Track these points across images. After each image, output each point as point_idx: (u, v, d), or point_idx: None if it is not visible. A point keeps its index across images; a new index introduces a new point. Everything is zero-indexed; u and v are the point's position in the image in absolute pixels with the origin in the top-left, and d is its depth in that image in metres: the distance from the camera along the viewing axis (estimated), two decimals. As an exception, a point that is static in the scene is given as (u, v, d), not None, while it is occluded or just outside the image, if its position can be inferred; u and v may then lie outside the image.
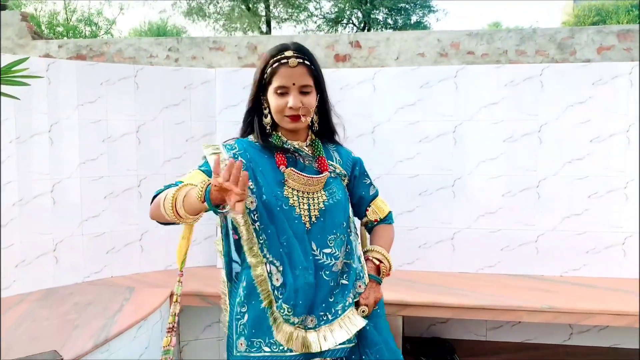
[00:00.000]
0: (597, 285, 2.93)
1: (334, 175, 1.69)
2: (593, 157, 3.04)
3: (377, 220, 1.83)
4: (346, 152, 1.80)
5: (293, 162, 1.66)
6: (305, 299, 1.55)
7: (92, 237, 3.08)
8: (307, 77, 1.58)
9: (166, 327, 1.73)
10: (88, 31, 21.75)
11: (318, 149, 1.69)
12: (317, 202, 1.62)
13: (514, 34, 3.37)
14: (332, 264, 1.60)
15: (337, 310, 1.60)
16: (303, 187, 1.61)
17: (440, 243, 3.20)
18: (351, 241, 1.69)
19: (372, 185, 1.83)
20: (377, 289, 1.71)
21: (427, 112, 3.17)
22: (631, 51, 3.25)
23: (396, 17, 16.16)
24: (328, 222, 1.62)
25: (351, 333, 1.57)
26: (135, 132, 3.17)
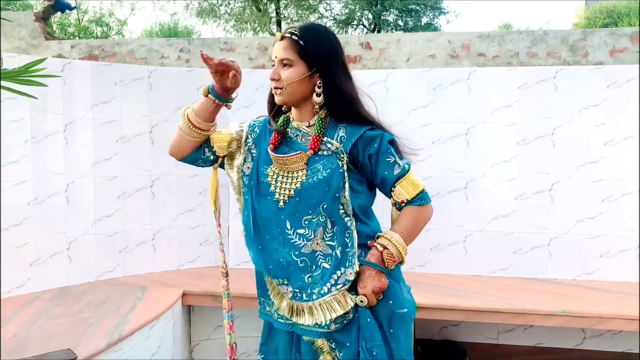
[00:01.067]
0: (610, 289, 2.91)
1: (327, 153, 1.62)
2: (607, 160, 3.02)
3: (404, 202, 1.65)
4: (358, 129, 1.64)
5: (288, 142, 1.70)
6: (275, 266, 1.66)
7: (105, 236, 3.10)
8: (288, 51, 1.60)
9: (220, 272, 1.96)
10: (99, 32, 21.89)
11: (317, 127, 1.65)
12: (295, 182, 1.63)
13: (526, 36, 3.36)
14: (301, 245, 1.62)
15: (313, 292, 1.61)
16: (282, 167, 1.65)
17: (453, 245, 3.19)
18: (345, 223, 1.61)
19: (398, 164, 1.63)
20: (377, 277, 1.59)
21: (440, 114, 3.16)
22: None
23: (406, 18, 16.13)
24: (303, 202, 1.61)
25: (321, 319, 1.59)
26: (149, 133, 3.19)
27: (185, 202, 3.32)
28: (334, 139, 1.64)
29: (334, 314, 1.58)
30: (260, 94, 3.24)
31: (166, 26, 24.02)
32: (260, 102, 3.22)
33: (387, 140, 1.63)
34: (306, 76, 1.62)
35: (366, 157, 1.63)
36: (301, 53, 1.60)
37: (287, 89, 1.62)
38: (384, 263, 1.61)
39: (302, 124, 1.69)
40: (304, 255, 1.62)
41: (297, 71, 1.61)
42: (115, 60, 3.91)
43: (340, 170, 1.61)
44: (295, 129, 1.70)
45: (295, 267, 1.63)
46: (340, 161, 1.61)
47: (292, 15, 14.89)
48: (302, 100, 1.66)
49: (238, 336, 3.24)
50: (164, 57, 3.80)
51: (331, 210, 1.60)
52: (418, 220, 1.67)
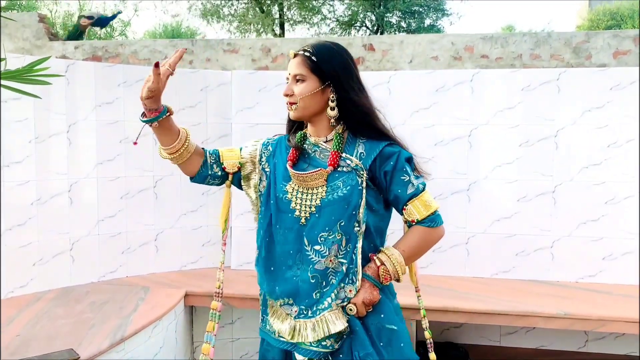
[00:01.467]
0: (613, 292, 2.91)
1: (347, 169, 1.63)
2: (610, 162, 3.01)
3: (415, 221, 1.64)
4: (377, 145, 1.65)
5: (306, 157, 1.71)
6: (283, 286, 1.66)
7: (108, 237, 3.10)
8: (301, 67, 1.63)
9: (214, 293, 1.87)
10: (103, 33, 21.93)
11: (335, 143, 1.67)
12: (315, 198, 1.64)
13: (529, 38, 3.36)
14: (316, 262, 1.63)
15: (318, 308, 1.62)
16: (301, 183, 1.65)
17: (455, 247, 3.19)
18: (357, 241, 1.62)
19: (412, 184, 1.63)
20: (370, 290, 1.61)
21: (443, 116, 3.16)
22: None
23: (409, 20, 16.11)
24: (322, 219, 1.62)
25: (321, 335, 1.59)
26: (152, 134, 3.18)
27: (188, 203, 3.32)
28: (353, 155, 1.65)
29: (333, 328, 1.59)
30: (263, 95, 3.26)
31: (169, 27, 24.05)
32: (263, 103, 3.25)
33: (404, 158, 1.64)
34: (319, 90, 1.63)
35: (382, 174, 1.64)
36: (313, 68, 1.62)
37: (300, 104, 1.64)
38: (379, 278, 1.63)
39: (319, 139, 1.70)
40: (317, 271, 1.63)
41: (309, 85, 1.63)
42: (118, 61, 3.93)
43: (359, 187, 1.62)
44: (313, 144, 1.71)
45: (307, 284, 1.64)
46: (360, 178, 1.62)
47: (295, 16, 14.89)
48: (316, 114, 1.67)
49: (240, 337, 3.27)
50: (167, 58, 3.81)
51: (347, 227, 1.61)
52: (425, 241, 1.67)
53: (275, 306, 1.72)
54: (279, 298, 1.69)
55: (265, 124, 3.25)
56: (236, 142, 3.27)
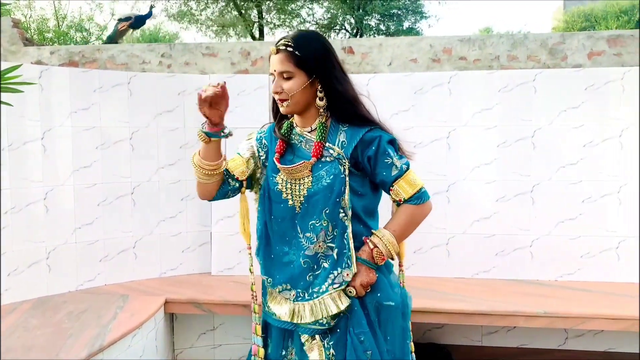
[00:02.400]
0: (592, 289, 2.94)
1: (330, 159, 1.71)
2: (587, 162, 3.05)
3: (402, 200, 1.73)
4: (357, 131, 1.71)
5: (293, 148, 1.78)
6: (281, 273, 1.77)
7: (85, 244, 3.05)
8: (286, 64, 1.67)
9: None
10: (79, 37, 21.65)
11: (319, 133, 1.73)
12: (303, 188, 1.73)
13: (506, 40, 3.39)
14: (306, 247, 1.73)
15: (314, 291, 1.73)
16: (289, 175, 1.74)
17: (435, 248, 3.20)
18: (345, 226, 1.71)
19: (395, 166, 1.70)
20: (366, 272, 1.71)
21: (421, 118, 3.17)
22: (621, 56, 3.27)
23: (388, 23, 16.20)
24: (311, 208, 1.72)
25: (319, 316, 1.70)
26: (129, 139, 3.15)
27: (167, 209, 3.28)
28: (335, 144, 1.72)
29: (331, 311, 1.70)
30: (242, 99, 3.24)
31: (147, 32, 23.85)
32: (243, 106, 3.23)
33: (385, 141, 1.71)
34: (307, 84, 1.69)
35: (365, 159, 1.71)
36: (299, 63, 1.67)
37: (291, 100, 1.70)
38: (374, 260, 1.72)
39: (304, 130, 1.78)
40: (308, 257, 1.73)
41: (298, 81, 1.68)
42: (96, 66, 3.86)
43: (341, 175, 1.70)
44: (299, 135, 1.79)
45: (300, 268, 1.74)
46: (342, 166, 1.70)
47: (274, 20, 14.88)
48: (306, 106, 1.74)
49: (222, 343, 3.24)
50: (145, 63, 3.75)
51: (333, 214, 1.71)
52: (414, 219, 1.76)
53: (274, 293, 1.83)
54: (279, 284, 1.79)
55: (245, 127, 3.19)
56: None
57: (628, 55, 3.26)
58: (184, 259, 3.34)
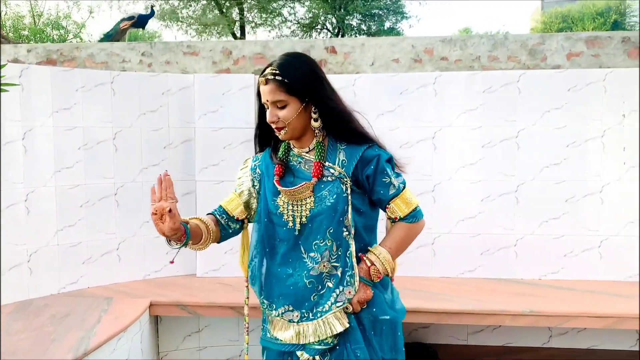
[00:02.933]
0: (575, 288, 2.98)
1: (331, 178, 1.72)
2: (569, 162, 3.09)
3: (397, 218, 1.77)
4: (357, 150, 1.73)
5: (292, 170, 1.79)
6: (283, 296, 1.75)
7: (67, 247, 3.00)
8: (277, 93, 1.67)
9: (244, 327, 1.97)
10: (56, 35, 21.30)
11: (317, 153, 1.74)
12: (305, 209, 1.73)
13: (487, 40, 3.41)
14: (311, 267, 1.73)
15: (319, 311, 1.72)
16: (290, 197, 1.73)
17: (421, 248, 3.21)
18: (348, 245, 1.72)
19: (392, 185, 1.74)
20: (363, 289, 1.72)
21: (407, 119, 3.18)
22: (599, 57, 3.32)
23: (370, 23, 16.24)
24: (314, 228, 1.73)
25: (323, 335, 1.70)
26: (112, 139, 3.11)
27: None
28: (335, 163, 1.73)
29: (336, 329, 1.70)
30: (227, 99, 3.22)
31: (126, 30, 23.53)
32: (227, 106, 3.21)
33: (384, 160, 1.74)
34: (302, 109, 1.70)
35: (364, 177, 1.73)
36: (290, 90, 1.67)
37: (289, 127, 1.71)
38: (371, 277, 1.73)
39: (302, 150, 1.79)
40: (313, 277, 1.73)
41: (292, 109, 1.69)
42: (74, 65, 3.79)
43: (344, 195, 1.71)
44: (297, 156, 1.79)
45: (305, 289, 1.74)
46: (344, 185, 1.71)
47: (255, 19, 14.81)
48: (303, 130, 1.75)
49: (207, 345, 3.21)
50: (125, 62, 3.70)
51: (337, 233, 1.72)
52: (408, 236, 1.81)
53: (274, 320, 1.81)
54: (281, 307, 1.77)
55: (229, 127, 3.20)
56: (200, 147, 3.22)
57: (606, 57, 3.31)
58: (168, 261, 3.29)
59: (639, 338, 3.03)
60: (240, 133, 3.19)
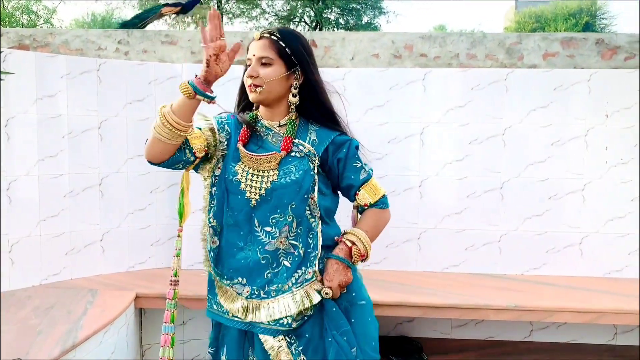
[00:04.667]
0: (556, 283, 3.04)
1: (300, 155, 1.68)
2: (553, 160, 3.15)
3: (367, 205, 1.77)
4: (328, 133, 1.72)
5: (257, 139, 1.73)
6: (233, 266, 1.70)
7: (50, 237, 2.93)
8: (267, 49, 1.65)
9: (169, 280, 1.86)
10: (26, 20, 20.73)
11: (289, 128, 1.71)
12: (266, 181, 1.67)
13: (465, 38, 3.44)
14: (266, 242, 1.67)
15: (271, 289, 1.68)
16: (253, 165, 1.68)
17: (407, 242, 3.24)
18: (310, 224, 1.69)
19: (364, 169, 1.75)
20: (345, 272, 1.68)
21: (396, 114, 3.20)
22: (574, 58, 3.38)
23: (347, 17, 16.29)
24: (274, 202, 1.67)
25: (274, 317, 1.65)
26: (97, 128, 3.04)
27: (136, 201, 3.20)
28: (305, 141, 1.70)
29: (291, 310, 1.65)
30: (215, 89, 3.16)
31: (99, 16, 23.06)
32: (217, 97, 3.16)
33: (354, 146, 1.74)
34: (284, 75, 1.67)
35: (335, 161, 1.72)
36: (281, 52, 1.65)
37: (266, 87, 1.65)
38: (351, 258, 1.71)
39: (273, 123, 1.74)
40: (267, 252, 1.68)
41: (276, 70, 1.65)
42: (48, 51, 3.67)
43: (311, 172, 1.67)
44: (266, 127, 1.74)
45: (258, 264, 1.68)
46: (312, 163, 1.68)
47: (234, 9, 14.68)
48: (277, 99, 1.70)
49: (192, 338, 3.19)
50: (101, 49, 3.60)
51: (299, 210, 1.66)
52: (379, 222, 1.79)
53: (223, 287, 1.74)
54: (231, 278, 1.71)
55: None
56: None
57: (580, 57, 3.37)
58: (152, 253, 3.26)
59: (616, 332, 3.12)
60: (228, 125, 3.16)
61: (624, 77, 3.10)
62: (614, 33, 3.46)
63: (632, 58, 3.29)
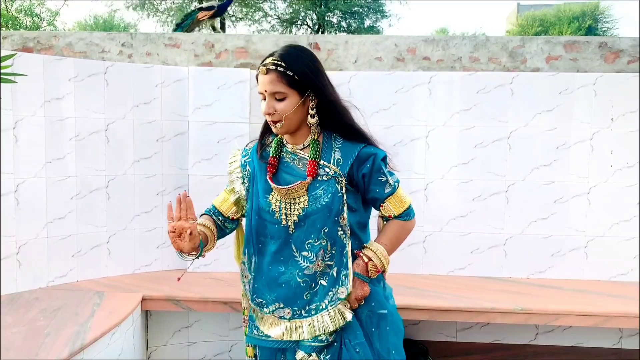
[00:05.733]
0: (562, 286, 3.05)
1: (326, 177, 1.70)
2: (559, 163, 3.16)
3: (391, 217, 1.79)
4: (352, 148, 1.72)
5: (285, 166, 1.76)
6: (274, 293, 1.75)
7: (57, 239, 2.94)
8: (278, 84, 1.64)
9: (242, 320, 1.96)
10: (29, 22, 20.79)
11: (312, 151, 1.72)
12: (298, 208, 1.70)
13: (468, 41, 3.45)
14: (305, 267, 1.72)
15: (311, 308, 1.73)
16: (284, 196, 1.72)
17: (413, 245, 3.24)
18: (343, 244, 1.72)
19: (388, 183, 1.75)
20: (361, 286, 1.73)
21: (402, 117, 3.20)
22: (577, 61, 3.38)
23: (350, 20, 16.30)
24: (308, 227, 1.71)
25: (318, 332, 1.70)
26: (104, 131, 3.06)
27: (142, 204, 3.21)
28: (330, 162, 1.71)
29: (329, 327, 1.70)
30: (222, 92, 3.20)
31: (101, 19, 23.12)
32: (223, 100, 3.18)
33: (379, 159, 1.74)
34: (300, 103, 1.67)
35: (360, 176, 1.73)
36: (291, 82, 1.64)
37: (285, 121, 1.67)
38: (368, 273, 1.74)
39: (296, 147, 1.76)
40: (306, 276, 1.73)
41: (291, 102, 1.66)
42: (52, 53, 3.69)
43: (339, 194, 1.70)
44: (291, 153, 1.77)
45: (299, 287, 1.74)
46: (339, 184, 1.70)
47: (236, 13, 14.71)
48: (298, 125, 1.72)
49: (198, 340, 3.19)
50: (104, 52, 3.61)
51: (332, 233, 1.71)
52: (401, 234, 1.83)
53: (264, 317, 1.80)
54: (271, 305, 1.77)
55: (224, 122, 3.18)
56: (193, 141, 3.18)
57: (583, 61, 3.37)
58: (159, 255, 3.27)
59: (621, 336, 3.12)
60: (234, 128, 3.17)
61: (630, 80, 3.10)
62: (617, 36, 3.47)
63: (634, 61, 3.30)
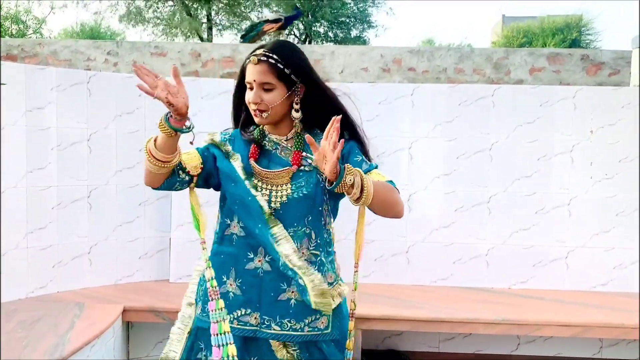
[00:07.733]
0: (543, 297, 3.07)
1: (309, 168, 1.71)
2: (540, 175, 3.19)
3: None
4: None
5: (267, 154, 1.76)
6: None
7: (37, 249, 2.91)
8: (267, 75, 1.65)
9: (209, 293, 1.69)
10: (14, 30, 20.65)
11: (296, 142, 1.74)
12: (281, 195, 1.70)
13: (453, 53, 3.50)
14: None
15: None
16: (267, 180, 1.71)
17: (396, 256, 3.25)
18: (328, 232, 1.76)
19: (365, 162, 1.71)
20: (336, 167, 1.49)
21: (384, 128, 3.23)
22: (560, 73, 3.44)
23: (337, 30, 16.38)
24: (289, 215, 1.70)
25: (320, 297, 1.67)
26: (87, 140, 3.04)
27: (124, 214, 3.19)
28: (312, 154, 1.67)
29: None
30: (206, 103, 3.19)
31: (87, 27, 23.02)
32: (206, 111, 3.18)
33: (353, 143, 1.76)
34: (286, 96, 1.68)
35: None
36: (280, 75, 1.65)
37: (271, 111, 1.68)
38: (345, 170, 1.51)
39: (280, 138, 1.76)
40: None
41: (278, 93, 1.67)
42: (36, 61, 3.68)
43: (321, 184, 1.70)
44: (274, 142, 1.77)
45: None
46: (320, 175, 1.69)
47: (223, 21, 14.73)
48: (282, 117, 1.73)
49: (180, 352, 3.15)
50: (90, 60, 3.61)
51: (315, 221, 1.72)
52: (390, 192, 1.66)
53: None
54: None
55: (207, 132, 3.17)
56: (177, 151, 3.17)
57: (566, 73, 3.43)
58: (140, 266, 3.25)
59: (601, 346, 3.15)
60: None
61: (609, 94, 3.15)
62: (599, 49, 3.53)
63: (616, 74, 3.36)
